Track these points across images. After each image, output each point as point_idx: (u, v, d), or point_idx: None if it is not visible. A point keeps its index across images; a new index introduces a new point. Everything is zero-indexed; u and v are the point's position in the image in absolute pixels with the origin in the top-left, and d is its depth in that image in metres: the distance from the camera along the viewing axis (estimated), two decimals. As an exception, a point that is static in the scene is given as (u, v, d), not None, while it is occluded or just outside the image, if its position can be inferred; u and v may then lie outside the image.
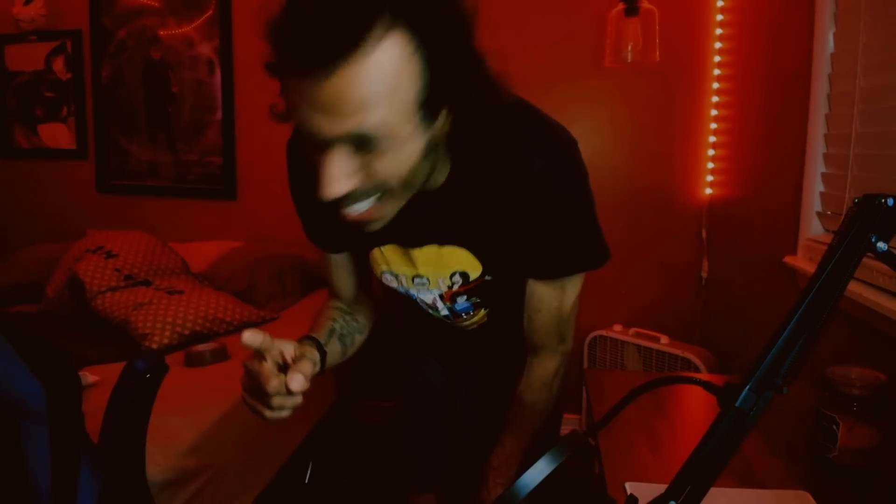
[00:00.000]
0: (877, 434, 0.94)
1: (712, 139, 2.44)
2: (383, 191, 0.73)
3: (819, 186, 1.75)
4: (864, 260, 0.59)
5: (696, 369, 2.20)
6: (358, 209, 0.74)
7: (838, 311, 1.45)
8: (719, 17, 2.38)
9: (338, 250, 1.06)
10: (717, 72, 2.40)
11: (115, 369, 1.12)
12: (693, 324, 2.49)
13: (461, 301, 1.03)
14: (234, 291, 2.41)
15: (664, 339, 2.32)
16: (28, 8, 2.92)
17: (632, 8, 2.18)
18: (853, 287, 1.40)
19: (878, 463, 0.94)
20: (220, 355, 1.92)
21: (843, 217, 0.65)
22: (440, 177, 0.85)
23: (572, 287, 0.96)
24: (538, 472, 0.59)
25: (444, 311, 1.07)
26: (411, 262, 0.97)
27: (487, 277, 0.97)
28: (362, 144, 0.67)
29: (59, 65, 3.04)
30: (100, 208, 3.08)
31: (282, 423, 0.81)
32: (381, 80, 0.63)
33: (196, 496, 1.44)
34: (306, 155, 0.74)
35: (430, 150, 0.74)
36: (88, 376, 1.66)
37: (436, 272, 0.97)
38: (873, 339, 1.40)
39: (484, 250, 0.94)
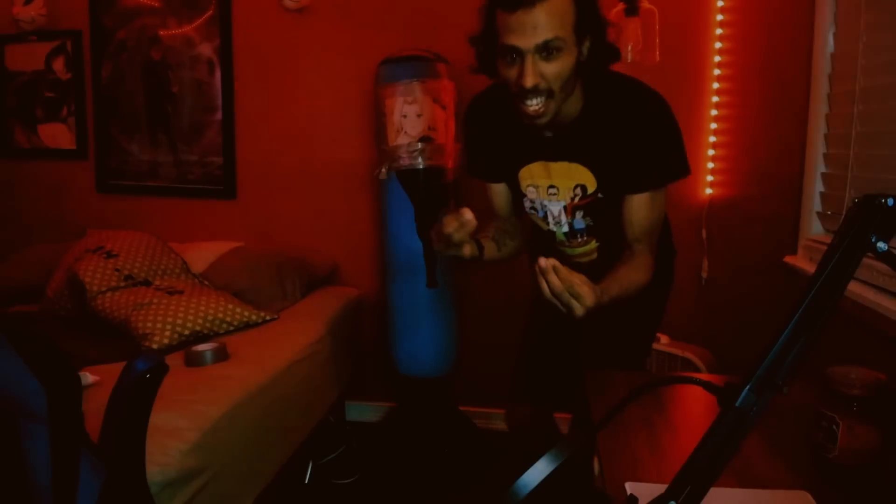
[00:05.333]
0: (877, 434, 0.93)
1: (712, 139, 2.44)
2: (548, 94, 1.21)
3: (819, 186, 1.75)
4: (864, 260, 0.59)
5: (696, 369, 2.20)
6: (534, 104, 1.22)
7: (838, 311, 1.45)
8: (719, 17, 2.37)
9: (498, 180, 1.52)
10: (717, 72, 2.40)
11: (115, 369, 1.11)
12: (693, 324, 2.49)
13: (578, 218, 1.42)
14: (234, 291, 2.41)
15: (664, 339, 2.32)
16: (28, 8, 2.92)
17: (632, 8, 2.18)
18: (853, 287, 1.40)
19: (877, 463, 0.94)
20: (220, 355, 1.92)
21: (843, 217, 0.64)
22: (574, 109, 1.31)
23: (660, 199, 1.35)
24: (538, 472, 0.59)
25: (565, 228, 1.46)
26: (548, 173, 1.39)
27: (600, 195, 1.36)
28: (545, 52, 1.17)
29: (59, 65, 3.04)
30: (100, 208, 3.08)
31: (286, 420, 0.81)
32: (558, 11, 1.15)
33: (196, 496, 1.44)
34: (503, 73, 1.23)
35: (577, 68, 1.22)
36: (88, 376, 1.66)
37: (564, 183, 1.38)
38: (873, 339, 1.40)
39: (599, 168, 1.34)
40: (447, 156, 2.29)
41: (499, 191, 1.54)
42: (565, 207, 1.42)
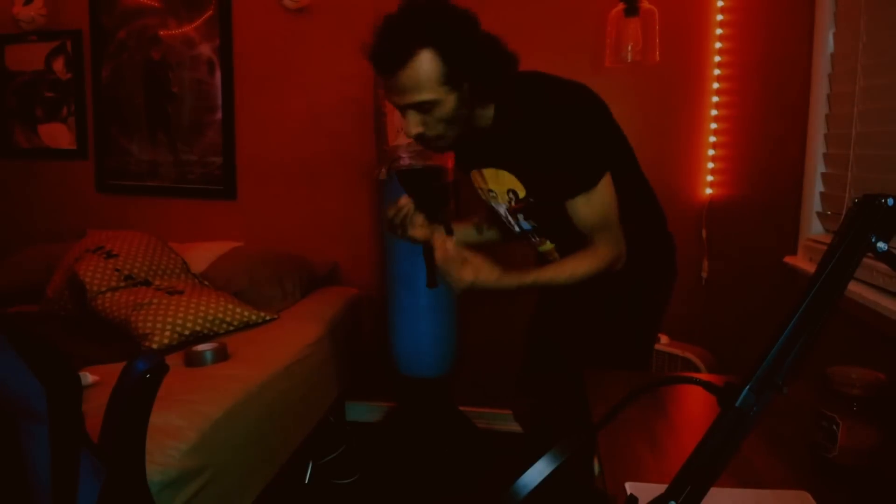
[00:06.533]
0: (877, 434, 0.93)
1: (712, 139, 2.44)
2: (439, 130, 1.27)
3: (819, 186, 1.75)
4: (864, 260, 0.59)
5: (696, 369, 2.20)
6: (428, 143, 1.31)
7: (838, 311, 1.45)
8: (719, 17, 2.38)
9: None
10: (717, 72, 2.40)
11: (115, 369, 1.11)
12: (693, 324, 2.49)
13: (522, 220, 1.43)
14: (234, 291, 2.41)
15: (664, 339, 2.32)
16: (28, 8, 2.92)
17: (632, 8, 2.18)
18: (853, 287, 1.40)
19: (878, 463, 0.94)
20: (220, 355, 1.92)
21: (843, 217, 0.65)
22: (487, 117, 1.31)
23: (597, 197, 1.27)
24: (538, 472, 0.59)
25: (517, 228, 1.47)
26: (483, 179, 1.43)
27: (531, 199, 1.36)
28: (419, 108, 1.23)
29: (59, 65, 3.04)
30: (100, 208, 3.08)
31: (285, 420, 0.82)
32: (418, 76, 1.18)
33: (196, 496, 1.44)
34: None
35: (463, 104, 1.24)
36: (88, 376, 1.66)
37: (497, 187, 1.40)
38: (873, 339, 1.40)
39: (522, 174, 1.34)
40: (447, 156, 2.29)
41: None
42: (508, 210, 1.43)
